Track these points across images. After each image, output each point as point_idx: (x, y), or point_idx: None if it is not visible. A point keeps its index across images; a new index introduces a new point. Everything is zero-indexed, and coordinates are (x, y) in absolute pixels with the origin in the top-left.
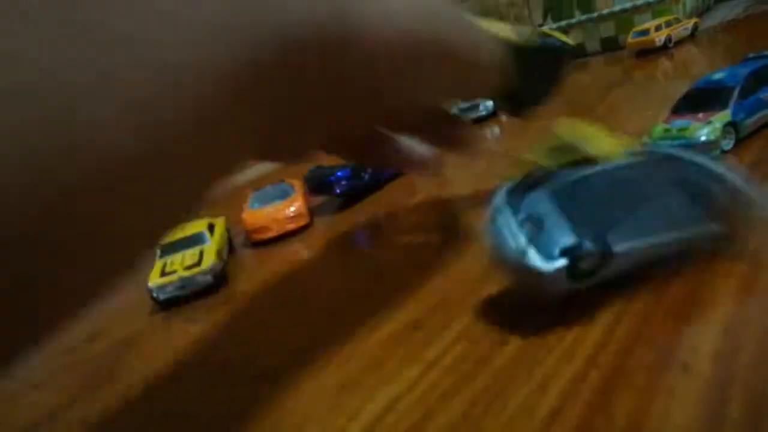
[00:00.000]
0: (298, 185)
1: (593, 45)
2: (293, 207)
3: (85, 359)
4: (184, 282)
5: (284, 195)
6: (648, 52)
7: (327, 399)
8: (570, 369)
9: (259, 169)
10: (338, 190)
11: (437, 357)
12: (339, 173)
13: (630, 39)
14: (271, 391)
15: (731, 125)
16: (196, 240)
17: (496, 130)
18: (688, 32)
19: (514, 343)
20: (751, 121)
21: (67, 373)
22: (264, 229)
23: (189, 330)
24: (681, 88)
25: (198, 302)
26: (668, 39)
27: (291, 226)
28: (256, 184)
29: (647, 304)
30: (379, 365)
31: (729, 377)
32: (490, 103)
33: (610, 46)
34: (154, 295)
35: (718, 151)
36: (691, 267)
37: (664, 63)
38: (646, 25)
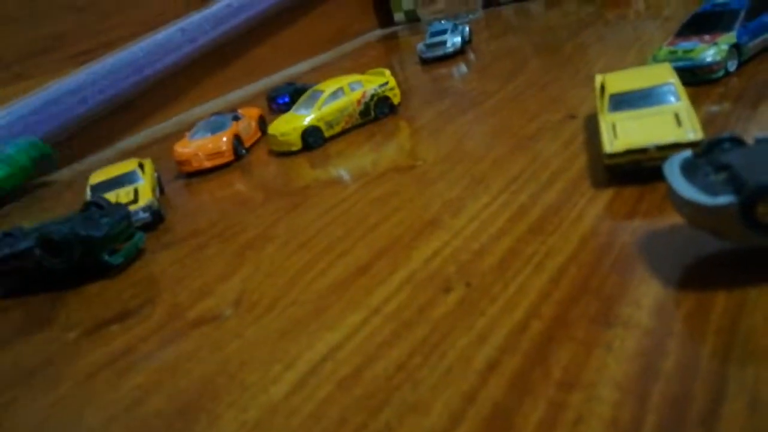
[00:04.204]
0: (248, 115)
1: None
2: (213, 144)
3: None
4: None
5: (218, 129)
6: None
7: (267, 345)
8: (511, 319)
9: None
10: (274, 106)
11: (380, 304)
12: (279, 99)
13: None
14: (213, 337)
15: (735, 47)
16: (128, 179)
17: (463, 67)
18: None
19: (458, 291)
20: (753, 44)
21: None
22: (186, 162)
23: (129, 271)
24: (652, 29)
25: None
26: None
27: (207, 164)
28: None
29: (595, 253)
30: (322, 311)
31: (667, 331)
32: (457, 40)
33: None
34: None
35: (722, 72)
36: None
37: (638, 2)
38: None
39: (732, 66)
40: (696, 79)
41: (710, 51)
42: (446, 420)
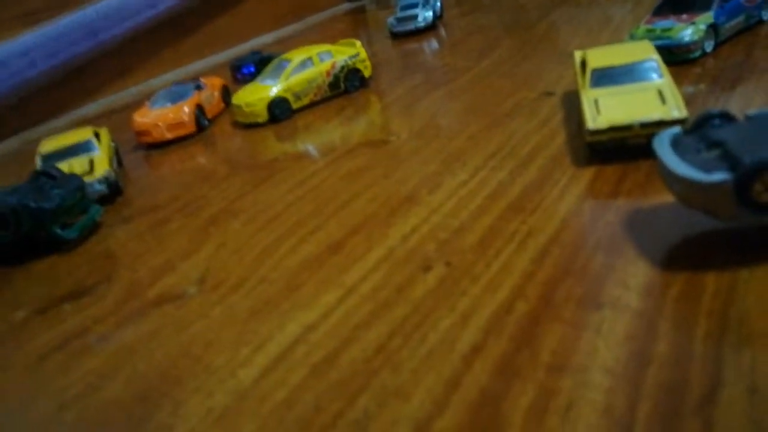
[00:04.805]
0: (211, 85)
1: None
2: (174, 115)
3: None
4: None
5: (179, 98)
6: None
7: (235, 326)
8: (495, 300)
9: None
10: (238, 76)
11: (356, 283)
12: (244, 69)
13: None
14: (176, 317)
15: (712, 27)
16: (82, 148)
17: (435, 43)
18: None
19: (438, 269)
20: (730, 25)
21: None
22: (146, 133)
23: (84, 246)
24: (623, 12)
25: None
26: None
27: (169, 135)
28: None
29: (579, 232)
30: (293, 290)
31: (657, 313)
32: (429, 14)
33: None
34: None
35: (699, 52)
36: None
37: None
38: None
39: (709, 47)
40: (673, 58)
41: (688, 30)
42: (429, 406)
